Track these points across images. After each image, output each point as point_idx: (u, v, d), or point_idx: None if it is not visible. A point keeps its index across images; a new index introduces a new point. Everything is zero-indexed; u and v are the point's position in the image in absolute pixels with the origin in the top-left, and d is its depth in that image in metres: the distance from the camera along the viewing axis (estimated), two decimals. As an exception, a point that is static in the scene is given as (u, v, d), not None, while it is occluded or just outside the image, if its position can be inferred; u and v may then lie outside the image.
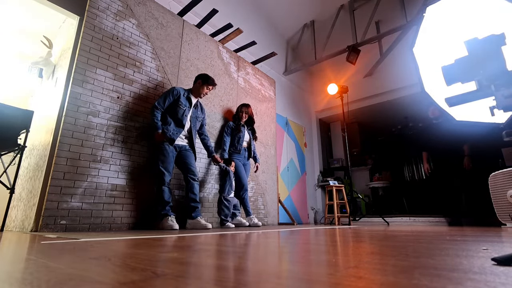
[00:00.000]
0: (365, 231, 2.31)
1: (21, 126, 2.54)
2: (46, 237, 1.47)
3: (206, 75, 2.77)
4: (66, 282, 0.48)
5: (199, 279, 0.51)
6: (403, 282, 0.48)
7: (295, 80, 6.48)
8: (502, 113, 0.63)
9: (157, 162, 2.49)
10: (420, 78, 0.86)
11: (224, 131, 3.35)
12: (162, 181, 2.44)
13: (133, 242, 1.26)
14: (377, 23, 5.61)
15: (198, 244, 1.20)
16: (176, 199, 2.78)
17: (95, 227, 2.16)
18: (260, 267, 0.67)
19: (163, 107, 2.55)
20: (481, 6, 0.77)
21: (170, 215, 2.45)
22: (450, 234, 1.88)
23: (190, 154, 2.67)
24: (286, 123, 5.88)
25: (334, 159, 7.04)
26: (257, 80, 4.35)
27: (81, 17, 2.66)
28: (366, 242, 1.31)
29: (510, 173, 2.92)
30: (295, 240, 1.49)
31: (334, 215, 4.53)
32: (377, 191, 6.34)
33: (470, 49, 0.67)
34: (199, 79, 2.75)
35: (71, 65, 2.51)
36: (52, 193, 1.98)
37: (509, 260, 0.64)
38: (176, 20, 3.18)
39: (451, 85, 0.69)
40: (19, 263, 0.71)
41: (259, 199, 3.83)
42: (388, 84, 5.98)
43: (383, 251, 0.94)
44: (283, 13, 5.82)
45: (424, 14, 0.87)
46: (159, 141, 2.49)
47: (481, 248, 1.01)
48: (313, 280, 0.51)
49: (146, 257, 0.78)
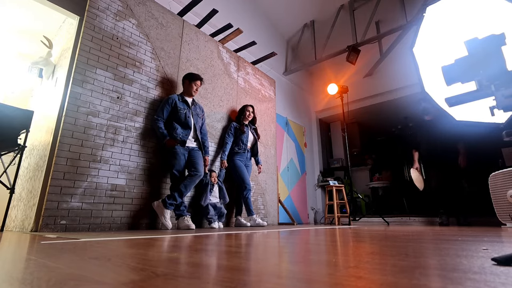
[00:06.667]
0: (365, 231, 2.31)
1: (21, 126, 2.54)
2: (46, 237, 1.47)
3: (190, 73, 2.85)
4: (66, 282, 0.48)
5: (199, 279, 0.51)
6: (403, 282, 0.48)
7: (295, 80, 6.48)
8: (502, 113, 0.63)
9: (170, 168, 2.58)
10: (420, 78, 0.86)
11: (226, 132, 3.36)
12: (178, 184, 2.52)
13: (133, 242, 1.26)
14: (377, 23, 5.61)
15: (198, 244, 1.20)
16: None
17: (95, 227, 2.16)
18: (260, 267, 0.67)
19: (163, 117, 2.63)
20: (481, 6, 0.77)
21: (185, 215, 2.52)
22: (450, 234, 1.88)
23: (198, 153, 2.74)
24: (286, 123, 5.88)
25: (334, 159, 7.04)
26: (257, 80, 4.35)
27: (81, 17, 2.66)
28: (366, 242, 1.31)
29: (510, 173, 2.92)
30: (295, 240, 1.49)
31: (334, 215, 4.53)
32: (377, 191, 6.34)
33: (470, 49, 0.67)
34: (186, 79, 2.83)
35: (71, 65, 2.51)
36: (52, 193, 1.98)
37: (509, 260, 0.64)
38: (176, 20, 3.18)
39: (451, 85, 0.69)
40: (19, 263, 0.71)
41: (259, 199, 3.83)
42: (388, 84, 5.98)
43: (383, 251, 0.94)
44: (283, 13, 5.82)
45: (424, 14, 0.87)
46: (170, 145, 2.56)
47: (481, 248, 1.01)
48: (313, 280, 0.51)
49: (146, 257, 0.78)
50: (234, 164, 3.28)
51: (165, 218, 2.40)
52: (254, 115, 3.55)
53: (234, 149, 3.32)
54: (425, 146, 3.84)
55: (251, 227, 3.10)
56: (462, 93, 0.68)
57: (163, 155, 2.68)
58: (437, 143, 3.69)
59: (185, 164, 2.64)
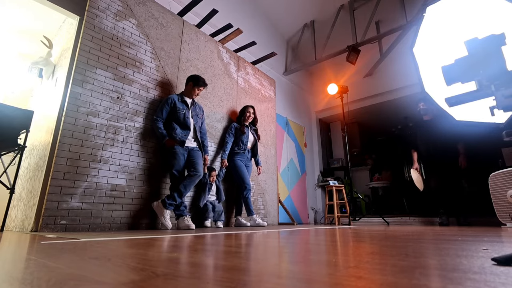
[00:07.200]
0: (365, 231, 2.31)
1: (21, 126, 2.54)
2: (46, 237, 1.47)
3: (197, 77, 2.81)
4: (66, 282, 0.48)
5: (199, 279, 0.51)
6: (403, 282, 0.48)
7: (295, 80, 6.48)
8: (502, 113, 0.63)
9: (169, 168, 2.58)
10: (420, 78, 0.86)
11: (227, 132, 3.36)
12: (177, 184, 2.52)
13: (133, 242, 1.26)
14: (377, 23, 5.61)
15: (198, 244, 1.20)
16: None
17: (95, 227, 2.16)
18: (260, 267, 0.67)
19: (162, 117, 2.62)
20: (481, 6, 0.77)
21: (185, 215, 2.52)
22: (450, 234, 1.88)
23: (198, 153, 2.74)
24: (286, 123, 5.88)
25: (334, 159, 7.03)
26: (257, 80, 4.35)
27: (81, 17, 2.66)
28: (366, 242, 1.31)
29: (510, 173, 2.92)
30: (295, 240, 1.49)
31: (334, 215, 4.53)
32: (377, 191, 6.34)
33: (470, 49, 0.67)
34: (190, 81, 2.81)
35: (71, 65, 2.51)
36: (52, 193, 1.98)
37: (509, 260, 0.64)
38: (176, 20, 3.18)
39: (451, 85, 0.69)
40: (19, 263, 0.71)
41: (259, 199, 3.83)
42: (388, 84, 5.98)
43: (383, 251, 0.94)
44: (283, 13, 5.82)
45: (424, 14, 0.87)
46: (170, 145, 2.56)
47: (481, 248, 1.01)
48: (313, 280, 0.51)
49: (146, 257, 0.78)
50: (234, 164, 3.28)
51: (164, 218, 2.40)
52: (255, 116, 3.54)
53: (234, 150, 3.33)
54: (425, 146, 3.83)
55: (251, 227, 3.10)
56: (462, 93, 0.68)
57: (163, 155, 2.68)
58: (437, 143, 3.69)
59: (184, 164, 2.64)
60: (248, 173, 3.36)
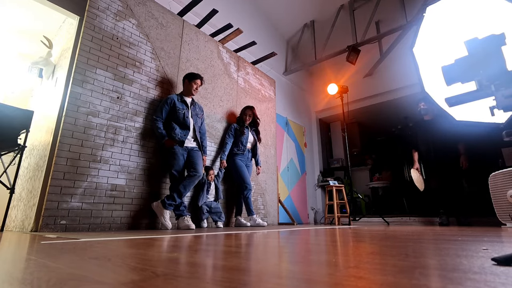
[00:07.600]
0: (365, 231, 2.31)
1: (21, 126, 2.54)
2: (46, 237, 1.47)
3: (190, 73, 2.85)
4: (66, 282, 0.48)
5: (199, 279, 0.51)
6: (403, 282, 0.48)
7: (295, 80, 6.48)
8: (502, 113, 0.63)
9: (169, 168, 2.59)
10: (420, 78, 0.86)
11: (227, 132, 3.36)
12: (177, 184, 2.52)
13: (133, 242, 1.26)
14: (377, 23, 5.61)
15: (198, 244, 1.20)
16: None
17: (95, 227, 2.16)
18: (260, 267, 0.67)
19: (162, 117, 2.62)
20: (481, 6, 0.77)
21: (185, 215, 2.52)
22: (450, 234, 1.88)
23: (198, 153, 2.73)
24: (286, 123, 5.88)
25: (334, 159, 7.03)
26: (257, 80, 4.35)
27: (81, 17, 2.66)
28: (366, 242, 1.31)
29: (510, 173, 2.92)
30: (295, 240, 1.49)
31: (334, 215, 4.53)
32: (377, 191, 6.33)
33: (470, 49, 0.67)
34: (186, 79, 2.83)
35: (71, 65, 2.51)
36: (52, 193, 1.98)
37: (509, 260, 0.64)
38: (176, 20, 3.18)
39: (451, 85, 0.69)
40: (19, 263, 0.71)
41: (259, 199, 3.83)
42: (388, 84, 5.98)
43: (383, 251, 0.94)
44: (283, 13, 5.82)
45: (424, 14, 0.87)
46: (169, 146, 2.57)
47: (481, 248, 1.01)
48: (313, 280, 0.51)
49: (146, 257, 0.78)
50: (234, 164, 3.28)
51: (164, 218, 2.40)
52: (256, 117, 3.51)
53: (233, 150, 3.33)
54: (425, 146, 3.83)
55: (251, 227, 3.10)
56: (462, 93, 0.68)
57: (162, 155, 2.68)
58: (438, 143, 3.69)
59: (184, 164, 2.64)
60: (249, 173, 3.36)
